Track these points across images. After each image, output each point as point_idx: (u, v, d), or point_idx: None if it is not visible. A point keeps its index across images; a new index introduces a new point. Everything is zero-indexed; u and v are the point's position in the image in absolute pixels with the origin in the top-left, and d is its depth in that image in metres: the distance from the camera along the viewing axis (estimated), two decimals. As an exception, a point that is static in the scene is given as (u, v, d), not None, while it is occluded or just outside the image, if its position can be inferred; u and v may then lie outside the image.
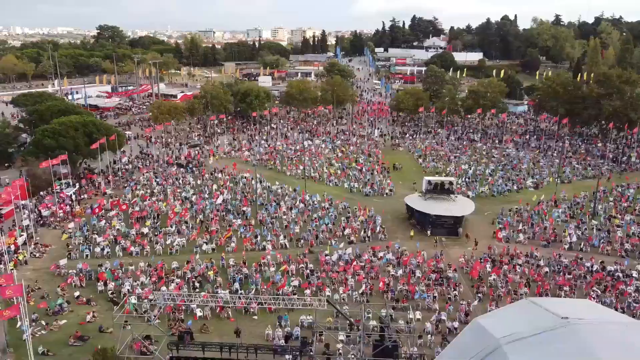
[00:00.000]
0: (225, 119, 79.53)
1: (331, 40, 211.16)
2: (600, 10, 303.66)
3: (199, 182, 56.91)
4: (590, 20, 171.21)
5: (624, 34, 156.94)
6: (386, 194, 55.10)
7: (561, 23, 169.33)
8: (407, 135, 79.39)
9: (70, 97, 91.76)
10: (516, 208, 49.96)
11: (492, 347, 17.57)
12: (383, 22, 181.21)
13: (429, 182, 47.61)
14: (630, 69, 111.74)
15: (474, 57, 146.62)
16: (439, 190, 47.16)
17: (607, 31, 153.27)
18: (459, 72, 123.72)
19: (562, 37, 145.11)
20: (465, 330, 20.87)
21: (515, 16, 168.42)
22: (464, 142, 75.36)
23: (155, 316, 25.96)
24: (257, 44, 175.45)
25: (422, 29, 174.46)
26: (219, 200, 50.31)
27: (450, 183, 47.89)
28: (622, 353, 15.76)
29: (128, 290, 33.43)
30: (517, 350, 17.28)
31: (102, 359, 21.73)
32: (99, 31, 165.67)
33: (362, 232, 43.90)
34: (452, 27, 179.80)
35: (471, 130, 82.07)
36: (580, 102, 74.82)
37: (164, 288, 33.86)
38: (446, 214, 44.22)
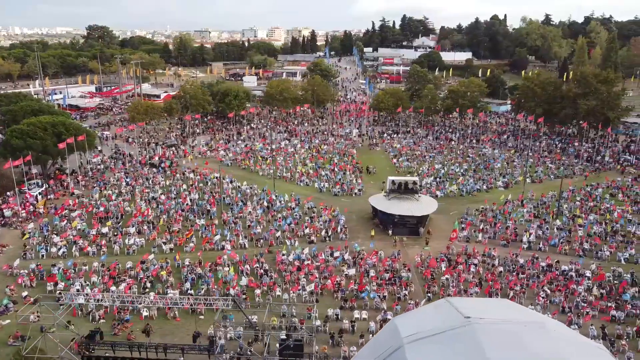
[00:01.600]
0: (200, 119, 79.73)
1: (324, 40, 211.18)
2: (591, 9, 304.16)
3: (169, 182, 56.93)
4: (581, 20, 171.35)
5: (613, 33, 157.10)
6: (355, 193, 55.16)
7: (551, 23, 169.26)
8: (385, 135, 79.37)
9: (49, 97, 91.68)
10: (482, 207, 50.01)
11: (396, 346, 17.62)
12: (373, 22, 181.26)
13: (393, 181, 47.66)
14: (615, 68, 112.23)
15: (462, 56, 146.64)
16: (403, 190, 47.19)
17: (596, 30, 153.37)
18: (444, 71, 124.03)
19: (550, 37, 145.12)
20: (382, 329, 20.91)
21: (505, 16, 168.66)
22: (441, 142, 75.39)
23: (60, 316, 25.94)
24: (246, 43, 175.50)
25: (412, 29, 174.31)
26: (187, 201, 50.49)
27: (414, 183, 47.91)
28: (511, 352, 15.65)
29: (77, 290, 33.47)
30: (416, 349, 17.28)
31: (22, 359, 21.81)
32: (88, 31, 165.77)
33: (324, 232, 43.92)
34: (442, 27, 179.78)
35: (450, 130, 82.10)
36: (558, 102, 74.85)
37: (113, 288, 33.96)
38: (407, 213, 44.24)
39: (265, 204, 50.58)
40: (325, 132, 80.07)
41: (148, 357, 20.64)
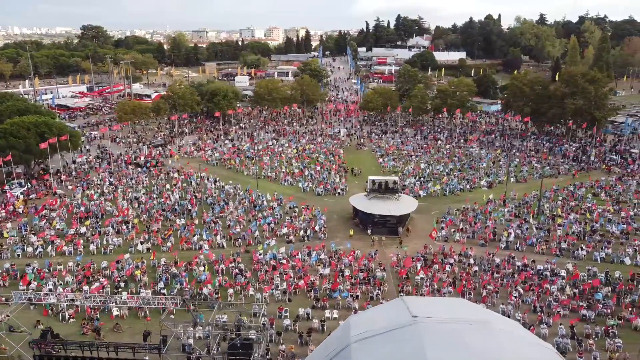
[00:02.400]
0: (189, 119, 79.85)
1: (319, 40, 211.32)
2: (586, 9, 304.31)
3: (153, 182, 56.97)
4: (575, 19, 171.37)
5: (608, 32, 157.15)
6: (338, 193, 55.15)
7: (546, 22, 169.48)
8: (373, 134, 79.42)
9: (39, 97, 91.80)
10: (463, 207, 50.02)
11: (344, 345, 17.64)
12: (367, 22, 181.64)
13: (373, 181, 47.72)
14: (607, 68, 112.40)
15: (456, 56, 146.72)
16: (383, 190, 47.25)
17: (590, 30, 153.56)
18: (437, 71, 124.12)
19: (544, 37, 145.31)
20: (337, 328, 20.93)
21: (499, 15, 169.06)
22: (428, 142, 75.43)
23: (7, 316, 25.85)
24: (240, 43, 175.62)
25: (406, 29, 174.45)
26: (169, 200, 50.58)
27: (395, 182, 47.98)
28: (450, 350, 15.66)
29: (50, 289, 33.50)
30: (361, 348, 17.29)
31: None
32: (82, 31, 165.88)
33: (302, 232, 43.94)
34: (437, 27, 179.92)
35: (439, 130, 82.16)
36: (546, 101, 74.83)
37: (86, 287, 34.01)
38: (386, 213, 44.23)
39: (247, 203, 50.64)
40: (314, 132, 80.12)
41: (99, 357, 20.75)
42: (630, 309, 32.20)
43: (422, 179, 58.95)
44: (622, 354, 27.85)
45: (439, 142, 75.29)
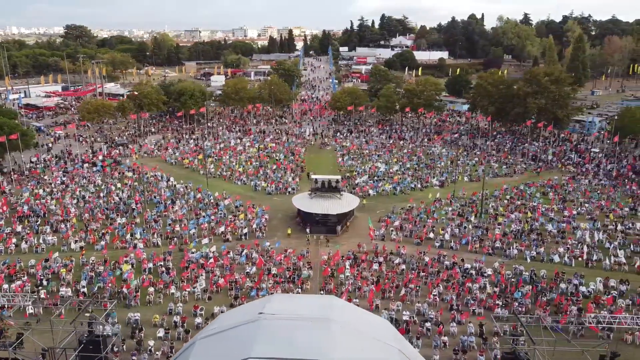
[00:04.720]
0: (155, 118, 79.93)
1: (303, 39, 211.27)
2: (571, 9, 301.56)
3: (106, 180, 57.05)
4: (559, 19, 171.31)
5: (591, 32, 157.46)
6: (289, 192, 55.21)
7: (530, 22, 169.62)
8: (338, 134, 79.53)
9: (9, 96, 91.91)
10: (409, 206, 50.10)
11: (192, 341, 17.58)
12: (351, 22, 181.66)
13: (316, 180, 47.85)
14: (584, 67, 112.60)
15: (437, 55, 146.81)
16: (326, 189, 47.35)
17: (573, 30, 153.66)
18: (414, 70, 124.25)
19: (524, 36, 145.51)
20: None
21: (482, 15, 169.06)
22: (391, 141, 75.52)
23: None
24: (224, 43, 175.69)
25: (391, 28, 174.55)
26: (116, 199, 50.68)
27: (337, 181, 48.09)
28: (276, 346, 15.69)
29: (-31, 288, 33.58)
30: (202, 345, 17.24)
31: None
32: (66, 30, 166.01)
33: (240, 231, 44.02)
34: (421, 26, 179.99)
35: (405, 129, 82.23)
36: (510, 101, 74.93)
37: (5, 286, 34.10)
38: (324, 212, 44.30)
39: (193, 202, 50.72)
40: (279, 132, 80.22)
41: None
42: (544, 307, 32.27)
43: (375, 177, 59.04)
44: (523, 352, 27.86)
45: (402, 141, 75.41)
